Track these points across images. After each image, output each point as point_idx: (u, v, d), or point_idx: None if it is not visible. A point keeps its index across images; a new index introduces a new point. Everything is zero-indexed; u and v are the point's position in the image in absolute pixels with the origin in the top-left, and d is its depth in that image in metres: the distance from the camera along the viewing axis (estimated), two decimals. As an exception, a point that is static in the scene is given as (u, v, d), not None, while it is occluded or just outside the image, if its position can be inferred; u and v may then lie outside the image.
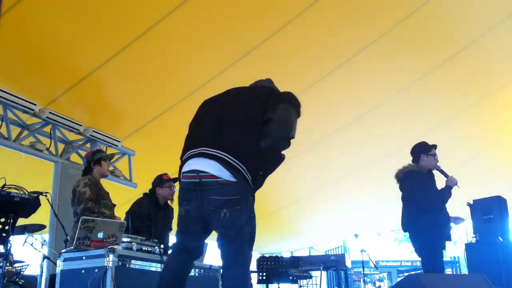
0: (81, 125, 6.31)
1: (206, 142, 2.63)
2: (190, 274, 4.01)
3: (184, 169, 2.69)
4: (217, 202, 2.54)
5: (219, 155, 2.56)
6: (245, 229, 2.58)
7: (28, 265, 5.27)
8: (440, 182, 4.77)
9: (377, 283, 11.59)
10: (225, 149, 2.57)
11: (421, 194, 4.56)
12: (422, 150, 4.78)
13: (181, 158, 2.77)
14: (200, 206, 2.59)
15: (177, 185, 5.10)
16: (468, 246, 5.88)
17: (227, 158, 2.55)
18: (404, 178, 4.71)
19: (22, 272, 5.19)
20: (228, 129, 2.66)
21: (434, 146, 4.81)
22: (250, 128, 2.64)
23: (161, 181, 4.98)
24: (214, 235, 2.72)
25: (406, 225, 4.71)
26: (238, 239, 2.57)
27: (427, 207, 4.53)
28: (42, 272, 4.75)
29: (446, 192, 4.60)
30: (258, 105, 2.72)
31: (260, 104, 2.72)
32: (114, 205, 4.69)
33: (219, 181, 2.54)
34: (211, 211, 2.55)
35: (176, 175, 5.41)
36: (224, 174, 2.54)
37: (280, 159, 2.72)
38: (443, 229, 4.60)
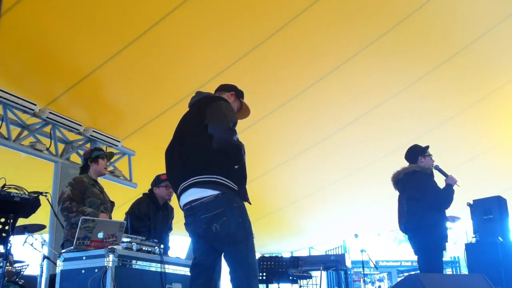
0: (81, 125, 6.31)
1: (180, 179, 2.91)
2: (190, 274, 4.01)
3: (180, 204, 3.01)
4: (207, 219, 2.79)
5: (193, 181, 2.83)
6: (238, 234, 2.78)
7: (28, 265, 5.27)
8: (439, 182, 4.77)
9: (377, 283, 11.60)
10: (195, 174, 2.83)
11: (429, 192, 4.56)
12: (419, 152, 4.81)
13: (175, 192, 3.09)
14: (194, 227, 2.89)
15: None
16: (468, 246, 5.88)
17: (200, 179, 2.81)
18: (406, 178, 4.71)
19: (22, 272, 5.19)
20: (188, 157, 2.92)
21: (428, 147, 4.83)
22: (201, 142, 2.89)
23: (158, 180, 4.98)
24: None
25: (407, 225, 4.70)
26: (234, 244, 2.79)
27: (436, 205, 4.54)
28: (42, 272, 4.75)
29: (450, 191, 4.61)
30: (196, 120, 2.99)
31: (197, 118, 2.99)
32: (113, 203, 4.67)
33: (203, 201, 2.79)
34: (204, 229, 2.82)
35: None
36: (207, 192, 2.79)
37: (238, 147, 2.87)
38: (444, 229, 4.61)
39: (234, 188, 2.83)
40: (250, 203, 2.92)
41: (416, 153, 4.82)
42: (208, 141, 2.84)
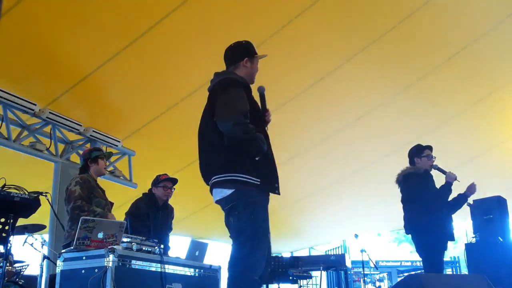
0: (81, 125, 6.31)
1: (205, 176, 2.92)
2: (190, 274, 4.03)
3: None
4: (226, 212, 2.83)
5: (214, 181, 2.83)
6: (245, 231, 2.74)
7: (28, 265, 5.27)
8: (441, 180, 4.78)
9: (377, 283, 11.59)
10: (214, 173, 2.83)
11: (420, 194, 4.59)
12: (415, 154, 4.85)
13: None
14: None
15: (177, 186, 5.12)
16: (468, 246, 5.87)
17: (219, 179, 2.80)
18: (403, 180, 4.75)
19: (22, 272, 5.18)
20: (205, 154, 2.92)
21: (428, 147, 4.85)
22: (213, 139, 2.83)
23: (157, 180, 4.99)
24: (213, 235, 2.76)
25: (408, 226, 4.73)
26: (239, 240, 2.76)
27: (427, 206, 4.56)
28: (42, 272, 4.74)
29: (446, 189, 4.63)
30: (208, 112, 2.93)
31: (209, 110, 2.92)
32: (112, 203, 4.66)
33: (223, 198, 2.81)
34: (226, 221, 2.86)
35: (176, 175, 5.44)
36: (224, 192, 2.79)
37: (252, 140, 2.76)
38: (445, 229, 4.61)
39: (254, 182, 2.77)
40: (278, 194, 2.90)
41: (412, 154, 4.88)
42: (221, 137, 2.77)
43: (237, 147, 2.75)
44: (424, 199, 4.57)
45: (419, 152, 4.83)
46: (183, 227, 8.78)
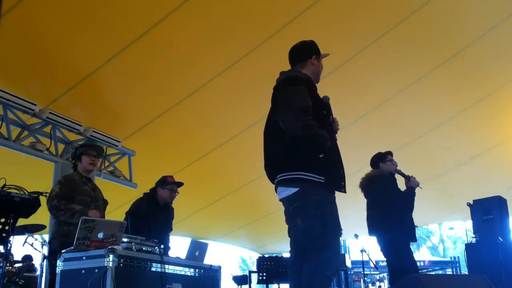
0: (81, 125, 6.30)
1: (270, 175, 2.94)
2: (190, 274, 4.04)
3: None
4: (289, 212, 2.86)
5: (278, 179, 2.83)
6: (315, 230, 2.74)
7: (28, 265, 5.28)
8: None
9: (377, 283, 11.60)
10: (278, 171, 2.83)
11: (387, 195, 4.68)
12: (379, 159, 5.01)
13: None
14: (286, 219, 2.98)
15: (180, 189, 5.11)
16: (468, 246, 5.88)
17: (282, 177, 2.80)
18: (368, 183, 4.83)
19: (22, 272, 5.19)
20: (268, 153, 2.93)
21: (389, 153, 5.00)
22: (276, 137, 2.84)
23: (164, 182, 4.98)
24: (213, 235, 2.76)
25: (372, 227, 4.79)
26: (308, 239, 2.79)
27: (394, 207, 4.62)
28: (42, 272, 4.75)
29: (410, 194, 4.71)
30: (271, 111, 2.96)
31: (272, 109, 2.96)
32: (106, 201, 4.53)
33: (287, 197, 2.83)
34: (289, 221, 2.92)
35: (177, 175, 5.43)
36: (289, 191, 2.79)
37: (313, 137, 2.73)
38: (408, 229, 4.67)
39: (318, 180, 2.75)
40: (344, 192, 2.92)
41: (376, 160, 5.03)
42: (283, 136, 2.77)
43: (299, 145, 2.73)
44: (392, 200, 4.66)
45: (383, 158, 4.99)
46: (183, 227, 8.78)
